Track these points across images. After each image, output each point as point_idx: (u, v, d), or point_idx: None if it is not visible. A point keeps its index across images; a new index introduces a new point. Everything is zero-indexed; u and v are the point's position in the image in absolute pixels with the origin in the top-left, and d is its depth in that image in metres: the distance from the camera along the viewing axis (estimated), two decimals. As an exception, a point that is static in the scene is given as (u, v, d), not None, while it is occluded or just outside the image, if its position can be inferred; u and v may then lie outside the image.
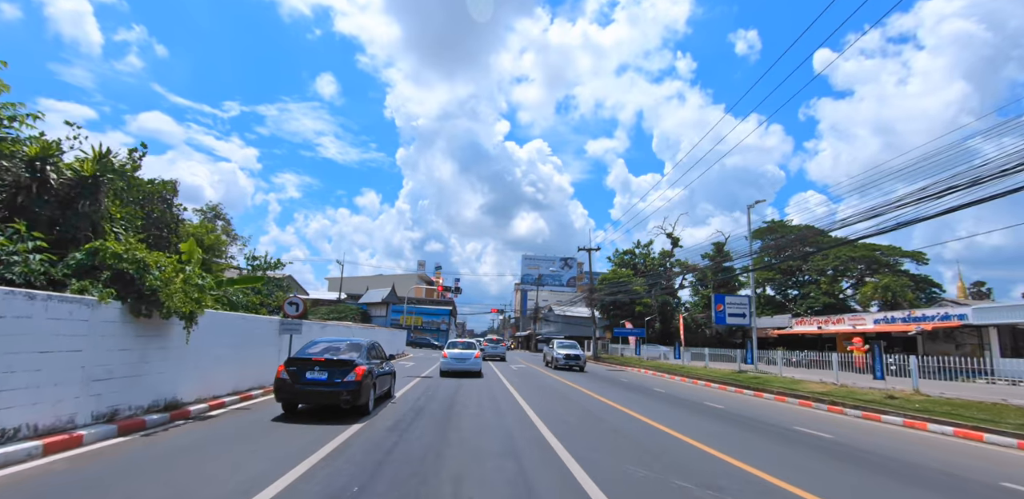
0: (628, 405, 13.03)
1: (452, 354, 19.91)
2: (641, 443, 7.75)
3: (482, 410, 10.75)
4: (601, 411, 11.52)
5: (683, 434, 8.56)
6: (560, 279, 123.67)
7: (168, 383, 8.32)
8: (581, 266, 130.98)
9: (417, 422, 8.59)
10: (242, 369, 11.21)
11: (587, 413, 11.15)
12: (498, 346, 32.17)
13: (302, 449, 6.14)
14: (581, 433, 8.38)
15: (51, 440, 5.62)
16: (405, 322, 61.18)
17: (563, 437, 7.76)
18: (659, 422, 9.85)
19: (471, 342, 21.80)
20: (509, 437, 7.68)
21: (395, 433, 7.51)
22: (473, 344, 21.20)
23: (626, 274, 46.01)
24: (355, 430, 7.53)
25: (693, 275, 52.01)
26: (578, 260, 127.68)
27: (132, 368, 7.44)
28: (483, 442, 7.21)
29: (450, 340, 25.27)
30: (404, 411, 9.78)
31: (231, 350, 10.72)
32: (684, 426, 9.52)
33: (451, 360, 19.73)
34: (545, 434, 7.97)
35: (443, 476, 5.25)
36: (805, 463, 6.95)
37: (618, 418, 10.53)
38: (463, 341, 23.19)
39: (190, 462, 5.52)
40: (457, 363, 19.70)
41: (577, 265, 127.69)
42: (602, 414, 11.06)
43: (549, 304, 70.59)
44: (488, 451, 6.62)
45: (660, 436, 8.44)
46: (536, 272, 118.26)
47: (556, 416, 10.34)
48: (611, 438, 8.13)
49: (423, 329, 61.70)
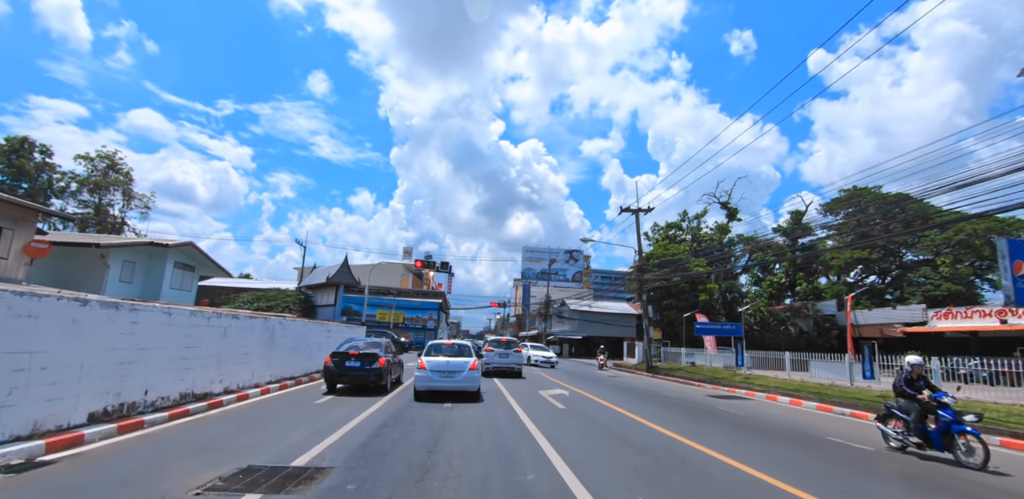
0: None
1: (434, 364, 12.12)
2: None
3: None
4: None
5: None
6: (565, 274, 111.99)
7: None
8: (588, 259, 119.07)
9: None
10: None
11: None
12: (510, 351, 19.64)
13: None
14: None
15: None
16: (381, 318, 48.41)
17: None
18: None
19: (463, 345, 13.44)
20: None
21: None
22: (466, 348, 13.25)
23: (682, 251, 33.54)
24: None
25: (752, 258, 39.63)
26: (584, 253, 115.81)
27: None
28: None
29: (431, 342, 13.17)
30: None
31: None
32: None
33: (431, 373, 11.94)
34: None
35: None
36: None
37: None
38: (451, 342, 14.02)
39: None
40: (441, 378, 11.94)
41: (584, 258, 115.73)
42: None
43: (562, 298, 58.05)
44: None
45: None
46: (538, 266, 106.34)
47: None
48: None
49: (406, 327, 49.00)
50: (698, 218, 40.20)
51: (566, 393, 14.23)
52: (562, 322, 55.93)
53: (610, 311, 51.88)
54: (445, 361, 12.05)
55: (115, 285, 22.73)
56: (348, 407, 9.95)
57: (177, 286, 25.83)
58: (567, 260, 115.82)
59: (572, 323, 52.73)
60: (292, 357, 14.13)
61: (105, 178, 32.47)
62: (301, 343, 14.79)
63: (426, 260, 23.84)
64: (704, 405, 13.37)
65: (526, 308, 77.87)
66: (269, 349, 12.60)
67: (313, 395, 11.68)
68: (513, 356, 19.50)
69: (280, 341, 13.23)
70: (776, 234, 37.24)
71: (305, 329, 15.22)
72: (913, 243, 38.85)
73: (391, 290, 49.80)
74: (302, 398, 11.18)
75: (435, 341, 13.48)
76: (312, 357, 15.81)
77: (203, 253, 26.01)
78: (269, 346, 12.58)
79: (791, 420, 11.32)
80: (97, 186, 31.80)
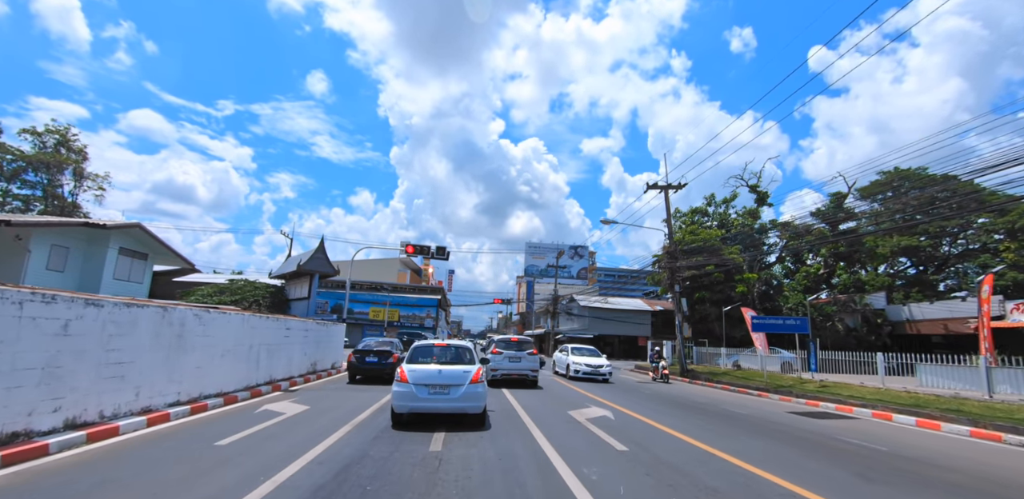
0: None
1: (420, 375, 7.92)
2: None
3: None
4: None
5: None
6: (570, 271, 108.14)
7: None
8: (593, 255, 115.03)
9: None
10: None
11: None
12: (522, 354, 15.49)
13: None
14: None
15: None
16: (374, 316, 44.33)
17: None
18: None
19: (462, 347, 9.04)
20: None
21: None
22: (466, 351, 8.87)
23: (714, 236, 29.24)
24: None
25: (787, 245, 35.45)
26: (590, 249, 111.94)
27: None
28: None
29: (417, 344, 8.78)
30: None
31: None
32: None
33: (415, 388, 7.75)
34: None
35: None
36: None
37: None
38: (445, 343, 9.42)
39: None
40: (431, 396, 7.77)
41: (589, 254, 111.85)
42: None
43: (571, 294, 53.98)
44: None
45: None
46: (542, 263, 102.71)
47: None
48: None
49: (402, 326, 44.94)
50: (726, 203, 36.01)
51: (609, 415, 10.09)
52: (571, 320, 51.84)
53: (624, 307, 47.78)
54: (436, 370, 8.01)
55: (39, 274, 18.66)
56: (267, 454, 5.86)
57: (124, 276, 21.75)
58: (572, 256, 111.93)
59: (582, 321, 48.62)
60: (222, 364, 10.06)
61: (57, 156, 28.44)
62: (239, 345, 10.72)
63: (418, 245, 19.68)
64: (804, 430, 9.25)
65: (530, 306, 73.90)
66: (176, 354, 8.52)
67: (228, 426, 7.64)
68: (526, 360, 15.38)
69: (197, 342, 9.15)
70: (814, 219, 33.07)
71: (247, 325, 11.12)
72: (964, 229, 34.71)
73: (385, 285, 45.73)
74: (212, 431, 7.10)
75: (423, 342, 9.30)
76: (260, 365, 11.73)
77: (156, 238, 21.87)
78: (175, 350, 8.51)
79: (962, 457, 7.25)
80: (45, 165, 27.70)
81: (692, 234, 29.53)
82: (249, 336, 11.18)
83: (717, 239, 28.96)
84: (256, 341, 11.54)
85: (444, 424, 8.05)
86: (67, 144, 29.35)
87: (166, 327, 8.29)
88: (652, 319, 48.42)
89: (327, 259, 20.26)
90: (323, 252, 20.34)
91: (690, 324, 31.92)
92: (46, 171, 28.10)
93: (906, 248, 34.02)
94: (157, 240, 21.97)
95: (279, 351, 12.96)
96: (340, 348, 18.74)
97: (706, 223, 35.15)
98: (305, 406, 9.68)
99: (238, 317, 10.59)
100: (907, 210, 31.47)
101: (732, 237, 31.34)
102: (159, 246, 22.79)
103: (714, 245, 28.19)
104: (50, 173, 28.42)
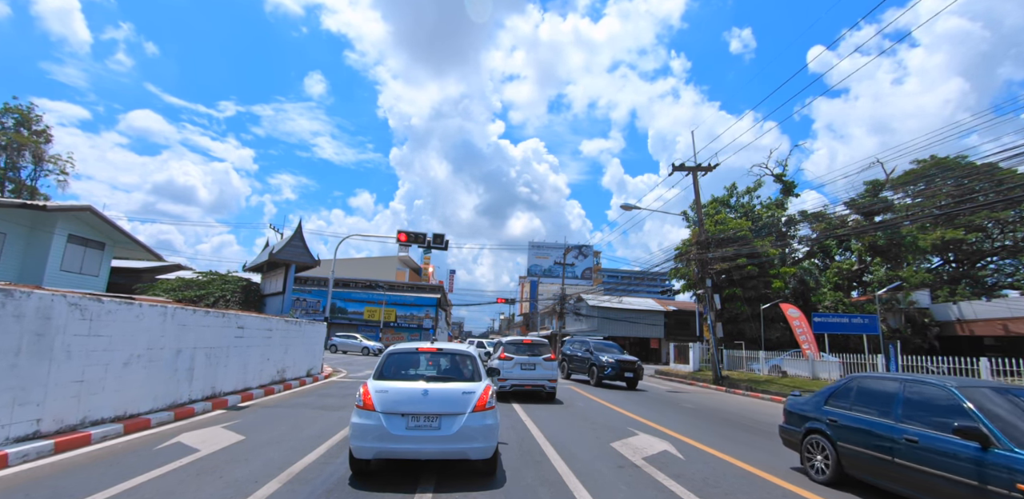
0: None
1: (395, 399, 4.88)
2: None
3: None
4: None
5: None
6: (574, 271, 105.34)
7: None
8: (598, 255, 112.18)
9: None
10: None
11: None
12: (537, 360, 12.57)
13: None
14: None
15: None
16: (369, 316, 41.50)
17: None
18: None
19: (461, 354, 5.50)
20: None
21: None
22: (467, 361, 5.53)
23: (744, 226, 26.25)
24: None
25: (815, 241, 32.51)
26: (595, 249, 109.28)
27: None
28: None
29: (391, 349, 5.46)
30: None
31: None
32: None
33: (386, 420, 4.74)
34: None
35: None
36: None
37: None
38: (432, 349, 4.15)
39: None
40: (410, 432, 4.74)
41: (594, 254, 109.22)
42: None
43: (578, 294, 51.09)
44: None
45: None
46: (545, 262, 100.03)
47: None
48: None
49: (399, 326, 42.15)
50: (750, 192, 33.11)
51: (671, 449, 7.15)
52: (579, 320, 48.91)
53: (635, 307, 44.89)
54: (421, 392, 5.03)
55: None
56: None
57: (75, 268, 18.93)
58: (575, 256, 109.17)
59: (591, 322, 45.69)
60: (126, 376, 7.20)
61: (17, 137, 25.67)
62: (159, 348, 7.86)
63: (412, 232, 16.78)
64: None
65: (534, 306, 71.03)
66: (34, 362, 5.67)
67: (96, 476, 4.59)
68: (542, 367, 12.46)
69: (80, 345, 6.29)
70: (848, 209, 30.15)
71: (172, 322, 8.25)
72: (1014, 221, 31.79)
73: (380, 283, 42.88)
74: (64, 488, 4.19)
75: (401, 346, 5.97)
76: (196, 374, 8.86)
77: (112, 224, 19.02)
78: (32, 356, 5.66)
79: None
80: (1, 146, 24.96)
81: (719, 224, 26.62)
82: (176, 337, 8.31)
83: (747, 230, 26.07)
84: (188, 343, 8.66)
85: (432, 472, 5.19)
86: (27, 124, 26.64)
87: (12, 322, 5.44)
88: (665, 320, 45.53)
89: (305, 247, 17.32)
90: (301, 239, 17.43)
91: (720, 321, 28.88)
92: (2, 152, 25.40)
93: (950, 241, 31.09)
94: (114, 226, 19.13)
95: (228, 356, 10.09)
96: (318, 352, 15.85)
97: (729, 215, 32.26)
98: (239, 436, 6.81)
99: (155, 310, 7.73)
100: (958, 200, 28.59)
101: (760, 229, 28.44)
102: (118, 234, 19.98)
103: (745, 235, 25.28)
104: (8, 155, 25.71)
